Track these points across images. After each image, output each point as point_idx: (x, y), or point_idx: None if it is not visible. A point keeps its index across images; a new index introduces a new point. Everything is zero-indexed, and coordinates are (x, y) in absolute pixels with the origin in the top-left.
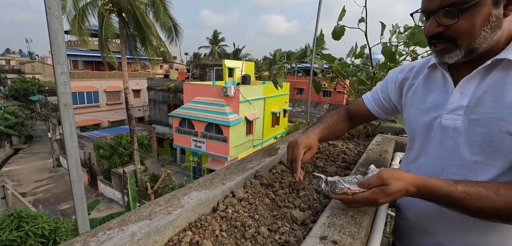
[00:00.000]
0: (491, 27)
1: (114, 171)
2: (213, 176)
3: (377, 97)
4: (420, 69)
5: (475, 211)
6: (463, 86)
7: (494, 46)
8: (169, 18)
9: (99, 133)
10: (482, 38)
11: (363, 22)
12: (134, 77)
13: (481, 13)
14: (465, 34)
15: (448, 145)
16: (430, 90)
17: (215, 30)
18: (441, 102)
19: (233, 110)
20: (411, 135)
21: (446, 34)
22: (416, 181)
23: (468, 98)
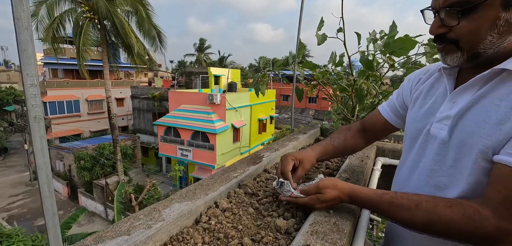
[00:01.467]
0: (499, 32)
1: (96, 183)
2: (196, 186)
3: (393, 106)
4: (434, 71)
5: (397, 220)
6: (457, 95)
7: (505, 53)
8: (152, 26)
9: (80, 143)
10: (488, 43)
11: (341, 32)
12: (117, 86)
13: (487, 16)
14: (467, 37)
15: (427, 154)
16: (432, 95)
17: (201, 38)
18: (436, 109)
19: (220, 117)
20: (404, 138)
21: (449, 36)
22: (349, 191)
23: (458, 108)
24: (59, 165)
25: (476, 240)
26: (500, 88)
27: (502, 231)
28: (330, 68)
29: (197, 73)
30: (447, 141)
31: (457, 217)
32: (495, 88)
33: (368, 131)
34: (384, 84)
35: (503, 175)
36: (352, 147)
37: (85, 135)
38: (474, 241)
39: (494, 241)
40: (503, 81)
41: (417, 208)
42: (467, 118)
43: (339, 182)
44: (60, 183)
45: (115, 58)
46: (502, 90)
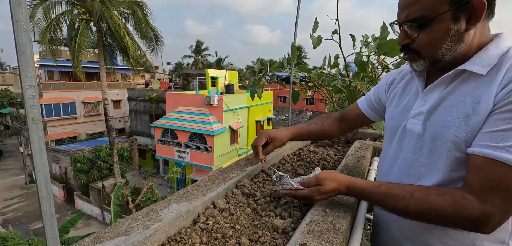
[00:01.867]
0: (452, 40)
1: (93, 186)
2: (194, 187)
3: (369, 99)
4: (406, 73)
5: (392, 209)
6: (428, 93)
7: (464, 55)
8: (149, 27)
9: (77, 146)
10: (444, 51)
11: (336, 34)
12: (114, 88)
13: (440, 29)
14: (425, 47)
15: (405, 147)
16: (406, 94)
17: (198, 40)
18: (411, 106)
19: (217, 119)
20: (384, 134)
21: (411, 46)
22: (347, 183)
23: (429, 105)
24: (55, 168)
25: (464, 224)
26: (464, 86)
27: (485, 214)
28: (326, 70)
29: (194, 75)
30: (422, 135)
31: (447, 203)
32: (460, 86)
33: (345, 120)
34: None
35: (478, 164)
36: (328, 132)
37: (82, 138)
38: (463, 224)
39: (479, 223)
40: (465, 80)
41: (411, 197)
42: (437, 113)
43: (338, 174)
44: (56, 186)
45: (111, 60)
46: (466, 88)
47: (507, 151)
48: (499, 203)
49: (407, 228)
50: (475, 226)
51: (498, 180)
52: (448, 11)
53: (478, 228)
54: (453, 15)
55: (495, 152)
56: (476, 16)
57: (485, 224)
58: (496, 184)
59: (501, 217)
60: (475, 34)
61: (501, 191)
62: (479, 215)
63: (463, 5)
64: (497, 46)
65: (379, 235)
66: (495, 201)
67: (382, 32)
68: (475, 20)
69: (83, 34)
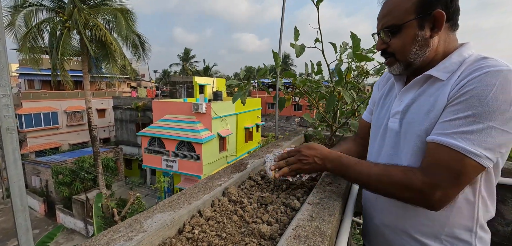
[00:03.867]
0: (419, 45)
1: (76, 198)
2: (179, 196)
3: (369, 108)
4: (390, 78)
5: (357, 175)
6: (403, 94)
7: (431, 61)
8: (135, 34)
9: (58, 157)
10: (414, 54)
11: (319, 42)
12: (98, 96)
13: (408, 35)
14: (398, 50)
15: (386, 143)
16: (390, 97)
17: (186, 48)
18: (391, 106)
19: (205, 127)
20: (371, 133)
21: (388, 51)
22: (329, 150)
23: (404, 105)
24: (35, 181)
25: (412, 194)
26: (430, 88)
27: (428, 184)
28: (311, 77)
29: (182, 83)
30: (399, 132)
31: (399, 173)
32: (427, 89)
33: (360, 136)
34: (364, 90)
35: (430, 148)
36: (355, 154)
37: (64, 148)
38: (410, 194)
39: (424, 195)
40: (432, 83)
41: (375, 165)
42: (409, 111)
43: (318, 146)
44: (36, 200)
45: (98, 68)
46: (432, 90)
47: (451, 137)
48: (439, 178)
49: (386, 216)
50: (422, 198)
51: (441, 159)
52: (414, 19)
53: (425, 199)
54: (419, 23)
55: (442, 137)
56: (438, 25)
57: (429, 195)
58: (439, 162)
59: (445, 193)
60: (440, 41)
61: (443, 168)
62: (421, 184)
63: (426, 15)
64: (460, 54)
65: (365, 227)
66: (437, 176)
67: (353, 40)
68: (438, 28)
69: (66, 42)
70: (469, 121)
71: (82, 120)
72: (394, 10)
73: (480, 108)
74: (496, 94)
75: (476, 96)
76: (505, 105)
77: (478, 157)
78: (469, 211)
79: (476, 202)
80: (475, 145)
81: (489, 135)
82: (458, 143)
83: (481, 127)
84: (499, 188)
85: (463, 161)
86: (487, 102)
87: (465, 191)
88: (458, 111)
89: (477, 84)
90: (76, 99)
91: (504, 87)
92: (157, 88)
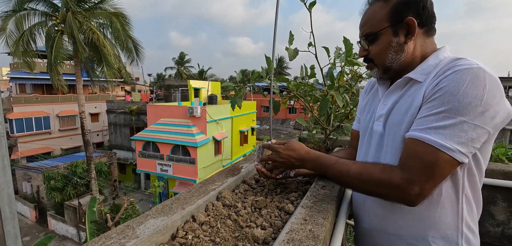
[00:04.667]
0: (395, 51)
1: (68, 204)
2: (173, 201)
3: (358, 118)
4: (375, 84)
5: (337, 174)
6: (386, 97)
7: (409, 64)
8: (129, 38)
9: (50, 162)
10: (391, 59)
11: (312, 46)
12: (91, 100)
13: (383, 41)
14: (376, 56)
15: (372, 145)
16: (375, 101)
17: (181, 52)
18: (375, 110)
19: (200, 130)
20: (360, 138)
21: (368, 57)
22: (308, 150)
23: (387, 108)
24: (26, 187)
25: (390, 190)
26: (410, 91)
27: (405, 179)
28: (305, 80)
29: (177, 86)
30: (383, 134)
31: (377, 170)
32: (408, 91)
33: (352, 146)
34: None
35: (406, 144)
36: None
37: (56, 153)
38: (389, 191)
39: (402, 190)
40: (411, 86)
41: (354, 164)
42: (392, 113)
43: (303, 145)
44: (27, 206)
45: (92, 71)
46: (411, 92)
47: (425, 131)
48: (415, 172)
49: (374, 218)
50: (400, 193)
51: (417, 154)
52: (388, 27)
53: (403, 195)
54: (393, 31)
55: (417, 133)
56: (411, 31)
57: (406, 190)
58: (415, 156)
59: (421, 187)
60: (416, 46)
61: (418, 161)
62: (399, 180)
63: (399, 23)
64: (436, 56)
65: (356, 231)
66: (413, 170)
67: (346, 45)
68: (411, 34)
69: (59, 46)
70: (442, 117)
71: (75, 124)
72: (370, 19)
73: (452, 104)
74: (467, 90)
75: (448, 92)
76: (476, 100)
77: (450, 151)
78: (453, 211)
79: (460, 201)
80: (447, 139)
81: (461, 129)
82: (431, 137)
83: (453, 122)
84: (489, 189)
85: (437, 155)
86: (458, 98)
87: (448, 191)
88: (432, 107)
89: (449, 82)
90: (68, 103)
91: (474, 83)
92: (152, 92)
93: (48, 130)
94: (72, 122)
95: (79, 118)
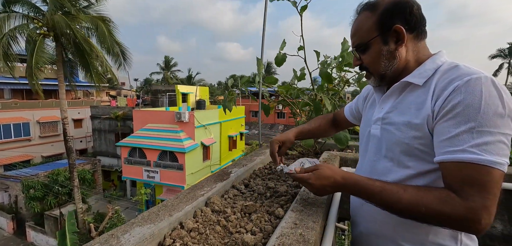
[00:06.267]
0: (387, 58)
1: (49, 214)
2: (160, 207)
3: (352, 107)
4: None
5: (385, 203)
6: (383, 101)
7: (404, 69)
8: (115, 43)
9: (30, 170)
10: (384, 67)
11: (302, 50)
12: (75, 106)
13: (374, 51)
14: (370, 65)
15: (369, 149)
16: (373, 105)
17: (167, 56)
18: (373, 115)
19: (188, 136)
20: (359, 141)
21: (362, 66)
22: (343, 174)
23: (384, 112)
24: (3, 197)
25: (452, 221)
26: (410, 96)
27: (469, 210)
28: (295, 84)
29: (164, 91)
30: (380, 138)
31: (435, 200)
32: (407, 96)
33: (336, 121)
34: (345, 99)
35: (450, 168)
36: (324, 131)
37: (36, 161)
38: (450, 222)
39: (468, 220)
40: (411, 91)
41: (404, 191)
42: (390, 118)
43: (335, 167)
44: (3, 217)
45: (72, 76)
46: (411, 97)
47: (468, 152)
48: (478, 197)
49: (372, 224)
50: (467, 224)
51: (472, 178)
52: (376, 36)
53: (471, 226)
54: (382, 39)
55: (458, 155)
56: (401, 38)
57: (476, 221)
58: (470, 180)
59: (489, 212)
60: (408, 51)
61: (476, 186)
62: (464, 211)
63: (387, 31)
64: (433, 61)
65: (353, 235)
66: (476, 197)
67: (343, 45)
68: (401, 41)
69: (41, 50)
70: (476, 132)
71: (57, 130)
72: (359, 30)
73: (480, 118)
74: (487, 101)
75: (469, 106)
76: (499, 109)
77: (502, 165)
78: None
79: None
80: (494, 155)
81: (501, 142)
82: (481, 157)
83: (491, 137)
84: None
85: (492, 174)
86: (483, 111)
87: None
88: (459, 124)
89: (465, 94)
90: (50, 108)
91: (490, 94)
92: (138, 97)
93: (27, 137)
94: (53, 128)
95: (62, 124)
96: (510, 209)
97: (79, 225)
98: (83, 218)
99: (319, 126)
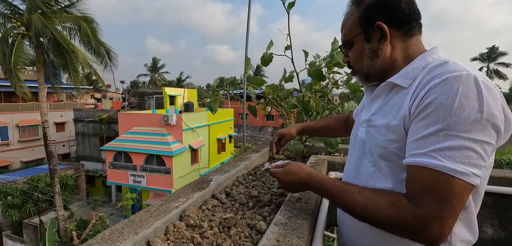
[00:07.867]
0: (369, 57)
1: (28, 222)
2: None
3: (358, 107)
4: None
5: (341, 203)
6: (371, 103)
7: (390, 68)
8: (99, 43)
9: (8, 177)
10: (367, 66)
11: (289, 49)
12: (57, 108)
13: (357, 49)
14: (354, 63)
15: (356, 152)
16: (363, 109)
17: (154, 57)
18: (361, 116)
19: (176, 139)
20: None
21: (350, 64)
22: (309, 172)
23: (371, 113)
24: None
25: (402, 228)
26: (395, 97)
27: (420, 217)
28: (282, 86)
29: (151, 94)
30: (365, 140)
31: (386, 203)
32: (392, 98)
33: (349, 122)
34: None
35: (410, 172)
36: (333, 131)
37: (15, 167)
38: (400, 228)
39: (416, 228)
40: (396, 92)
41: (359, 193)
42: (374, 120)
43: (304, 166)
44: None
45: (54, 78)
46: (396, 99)
47: (430, 156)
48: (431, 206)
49: (352, 232)
50: (415, 234)
51: (428, 185)
52: (359, 33)
53: (415, 235)
54: (365, 37)
55: (419, 158)
56: (384, 35)
57: (425, 232)
58: (426, 187)
59: (442, 224)
60: (395, 49)
61: (431, 193)
62: (412, 219)
63: (369, 28)
64: (424, 58)
65: (338, 243)
66: (428, 205)
67: (333, 45)
68: (384, 39)
69: (20, 50)
70: (443, 136)
71: (38, 134)
72: (344, 26)
73: (449, 120)
74: (462, 102)
75: (441, 106)
76: (474, 112)
77: (464, 175)
78: None
79: None
80: (457, 163)
81: (469, 149)
82: (440, 163)
83: (458, 142)
84: None
85: (451, 183)
86: (455, 112)
87: None
88: (428, 125)
89: (439, 93)
90: (30, 111)
91: (467, 94)
92: (124, 99)
93: (6, 141)
94: (34, 132)
95: (42, 127)
96: (501, 213)
97: (60, 233)
98: (65, 225)
99: (327, 125)
